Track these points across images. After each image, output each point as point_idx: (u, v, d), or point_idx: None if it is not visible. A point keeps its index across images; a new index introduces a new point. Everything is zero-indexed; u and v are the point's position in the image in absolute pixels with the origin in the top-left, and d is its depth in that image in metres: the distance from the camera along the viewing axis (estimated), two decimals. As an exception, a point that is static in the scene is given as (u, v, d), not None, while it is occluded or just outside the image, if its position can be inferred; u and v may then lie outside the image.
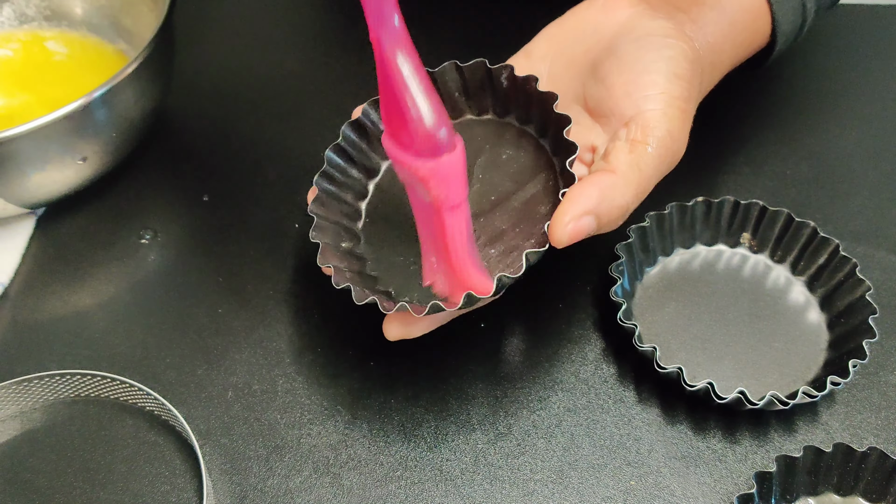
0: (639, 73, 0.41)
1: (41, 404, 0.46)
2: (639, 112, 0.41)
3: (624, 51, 0.42)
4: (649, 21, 0.43)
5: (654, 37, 0.42)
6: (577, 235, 0.39)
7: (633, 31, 0.43)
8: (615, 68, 0.42)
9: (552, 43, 0.46)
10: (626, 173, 0.40)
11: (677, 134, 0.41)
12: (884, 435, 0.44)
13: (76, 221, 0.55)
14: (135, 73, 0.49)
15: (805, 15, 0.48)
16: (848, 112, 0.61)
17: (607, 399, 0.46)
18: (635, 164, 0.40)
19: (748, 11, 0.47)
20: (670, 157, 0.41)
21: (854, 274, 0.47)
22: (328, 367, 0.47)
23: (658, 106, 0.41)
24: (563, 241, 0.38)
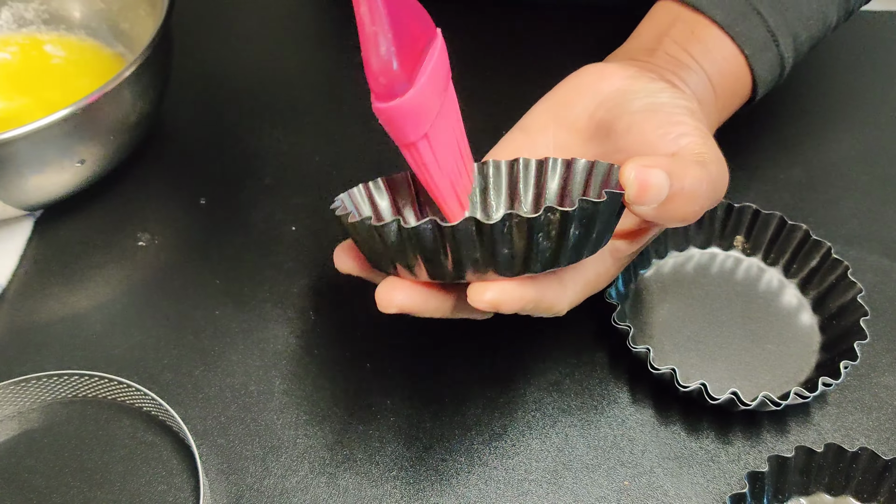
0: (666, 116, 0.41)
1: (39, 405, 0.46)
2: (680, 147, 0.39)
3: (639, 106, 0.42)
4: (649, 82, 0.43)
5: (663, 93, 0.42)
6: (646, 186, 0.36)
7: (637, 91, 0.43)
8: (638, 120, 0.41)
9: (549, 114, 0.45)
10: (692, 164, 0.38)
11: (722, 158, 0.40)
12: (874, 435, 0.44)
13: (74, 224, 0.55)
14: (132, 76, 0.50)
15: (783, 65, 0.49)
16: (841, 117, 0.62)
17: (601, 400, 0.46)
18: (698, 162, 0.38)
19: (728, 77, 0.47)
20: (723, 177, 0.40)
21: (846, 276, 0.47)
22: (324, 368, 0.47)
23: (698, 138, 0.40)
24: (630, 180, 0.36)
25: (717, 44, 0.47)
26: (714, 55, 0.47)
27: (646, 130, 0.41)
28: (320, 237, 0.54)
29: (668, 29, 0.48)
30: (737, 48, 0.47)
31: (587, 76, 0.45)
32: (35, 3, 0.63)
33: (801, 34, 0.49)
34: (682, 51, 0.47)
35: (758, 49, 0.47)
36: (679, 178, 0.37)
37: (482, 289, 0.35)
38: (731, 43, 0.47)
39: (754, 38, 0.47)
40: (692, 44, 0.47)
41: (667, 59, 0.47)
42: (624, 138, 0.42)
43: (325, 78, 0.65)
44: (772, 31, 0.47)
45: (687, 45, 0.47)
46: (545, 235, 0.34)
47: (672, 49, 0.47)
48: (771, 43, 0.48)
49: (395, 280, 0.36)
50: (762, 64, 0.48)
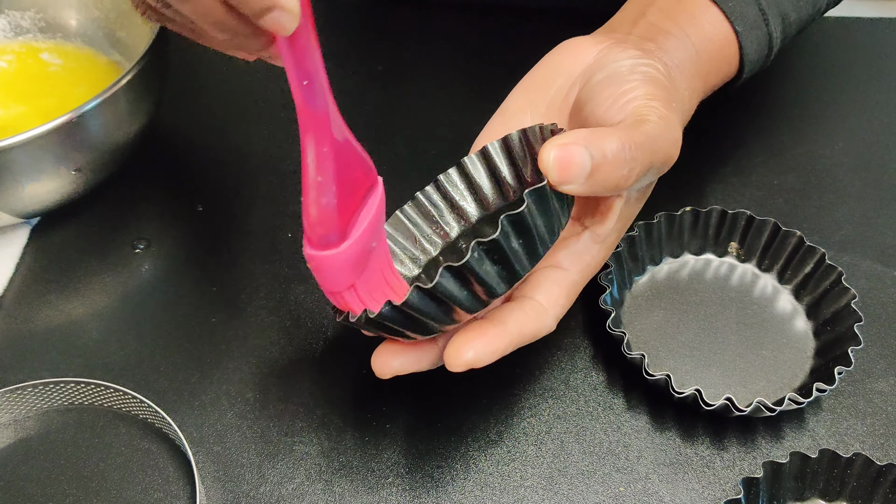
0: (617, 86, 0.41)
1: (35, 412, 0.46)
2: (627, 113, 0.40)
3: (598, 79, 0.42)
4: (618, 53, 0.43)
5: (625, 62, 0.42)
6: (567, 163, 0.35)
7: (605, 65, 0.43)
8: (594, 93, 0.42)
9: (526, 96, 0.46)
10: (623, 127, 0.38)
11: (671, 117, 0.40)
12: (869, 441, 0.45)
13: (70, 231, 0.55)
14: (129, 84, 0.50)
15: (771, 45, 0.49)
16: (834, 123, 0.62)
17: (596, 406, 0.46)
18: (632, 125, 0.38)
19: (713, 41, 0.47)
20: (669, 137, 0.40)
21: (840, 282, 0.48)
22: (321, 375, 0.48)
23: (643, 102, 0.40)
24: (549, 163, 0.35)
25: (704, 13, 0.46)
26: (700, 22, 0.46)
27: (598, 103, 0.41)
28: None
29: (658, 1, 0.48)
30: (725, 20, 0.47)
31: (561, 54, 0.45)
32: (31, 12, 0.63)
33: (790, 15, 0.48)
34: (667, 18, 0.46)
35: (748, 27, 0.47)
36: (598, 147, 0.36)
37: (457, 354, 0.38)
38: (719, 14, 0.47)
39: (746, 15, 0.47)
40: (678, 12, 0.46)
41: (647, 27, 0.46)
42: (583, 114, 0.42)
43: (321, 85, 0.65)
44: (763, 9, 0.47)
45: (672, 13, 0.46)
46: (491, 264, 0.35)
47: (655, 17, 0.46)
48: (761, 21, 0.47)
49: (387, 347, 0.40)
50: (751, 42, 0.47)
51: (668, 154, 0.40)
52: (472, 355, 0.37)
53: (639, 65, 0.42)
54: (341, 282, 0.38)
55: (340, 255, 0.37)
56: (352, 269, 0.38)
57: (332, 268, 0.37)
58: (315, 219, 0.36)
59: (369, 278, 0.39)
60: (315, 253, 0.37)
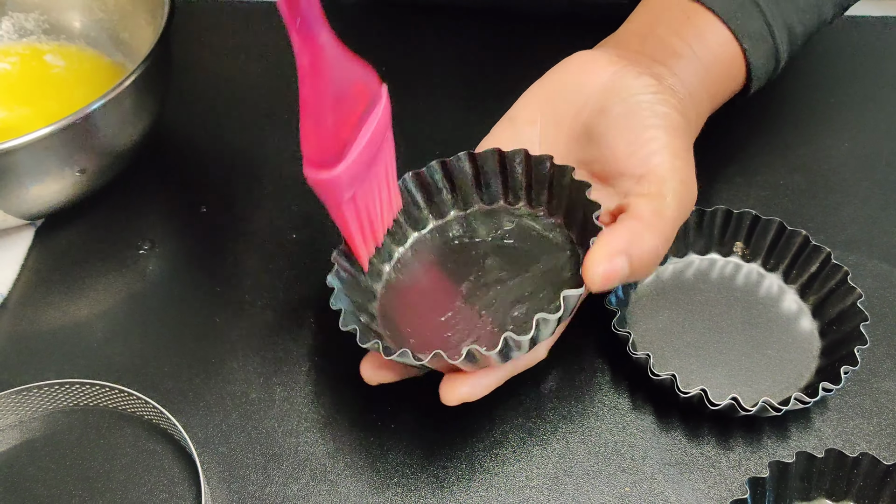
0: (638, 131, 0.42)
1: (40, 414, 0.46)
2: (648, 169, 0.41)
3: (617, 112, 0.43)
4: (634, 79, 0.43)
5: (643, 95, 0.43)
6: (611, 277, 0.38)
7: (620, 91, 0.43)
8: (612, 130, 0.42)
9: (536, 107, 0.46)
10: (651, 220, 0.40)
11: (689, 182, 0.42)
12: (875, 441, 0.44)
13: (74, 232, 0.55)
14: (132, 85, 0.50)
15: (778, 57, 0.49)
16: (840, 123, 0.62)
17: (602, 406, 0.46)
18: (658, 211, 0.40)
19: (721, 60, 0.47)
20: (687, 202, 0.42)
21: (846, 282, 0.47)
22: (325, 375, 0.48)
23: (665, 159, 0.41)
24: (597, 282, 0.38)
25: (711, 30, 0.47)
26: (708, 40, 0.47)
27: (616, 147, 0.42)
28: (321, 245, 0.54)
29: (664, 17, 0.48)
30: (733, 38, 0.47)
31: (574, 67, 0.45)
32: (35, 14, 0.63)
33: (795, 27, 0.48)
34: (675, 35, 0.46)
35: (755, 41, 0.47)
36: (637, 254, 0.39)
37: (452, 389, 0.40)
38: (727, 32, 0.47)
39: (752, 30, 0.47)
40: (686, 28, 0.47)
41: (658, 45, 0.46)
42: (598, 150, 0.43)
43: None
44: (768, 22, 0.47)
45: (680, 29, 0.47)
46: (508, 351, 0.39)
47: (664, 33, 0.47)
48: (767, 35, 0.47)
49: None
50: (758, 56, 0.48)
51: (689, 210, 0.43)
52: (467, 391, 0.40)
53: (657, 102, 0.42)
54: (340, 197, 0.39)
55: (339, 175, 0.37)
56: (350, 185, 0.38)
57: (331, 187, 0.38)
58: (314, 140, 0.37)
59: (367, 188, 0.40)
60: (314, 175, 0.38)
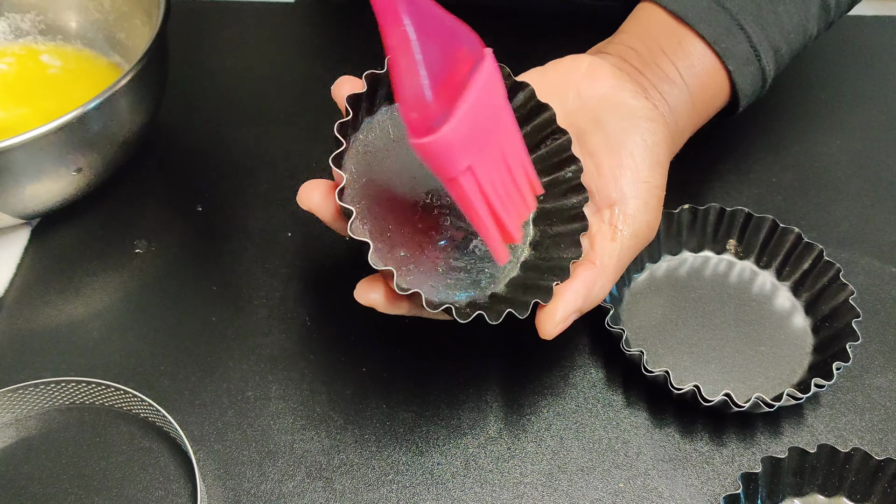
0: (625, 157, 0.43)
1: (36, 412, 0.47)
2: (622, 199, 0.42)
3: (612, 129, 0.44)
4: (632, 99, 0.45)
5: (638, 119, 0.44)
6: (565, 326, 0.41)
7: (618, 107, 0.44)
8: (603, 146, 0.43)
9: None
10: (608, 265, 0.42)
11: (653, 223, 0.43)
12: (867, 436, 0.45)
13: (71, 231, 0.55)
14: (128, 85, 0.50)
15: (765, 77, 0.50)
16: (832, 122, 0.62)
17: (596, 403, 0.46)
18: (615, 254, 0.42)
19: (707, 89, 0.48)
20: (643, 243, 0.44)
21: (838, 278, 0.48)
22: (320, 373, 0.48)
23: (640, 196, 0.42)
24: (552, 336, 0.40)
25: (701, 59, 0.48)
26: (697, 70, 0.48)
27: (604, 164, 0.43)
28: (316, 243, 0.54)
29: (657, 36, 0.48)
30: (719, 63, 0.48)
31: (576, 69, 0.46)
32: (32, 14, 0.63)
33: (781, 48, 0.49)
34: (671, 65, 0.47)
35: (741, 64, 0.48)
36: (590, 301, 0.41)
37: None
38: (714, 58, 0.48)
39: (737, 53, 0.48)
40: (680, 58, 0.48)
41: (654, 69, 0.47)
42: (587, 157, 0.44)
43: (320, 85, 0.66)
44: (755, 46, 0.48)
45: (675, 58, 0.48)
46: None
47: (660, 60, 0.48)
48: (753, 58, 0.48)
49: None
50: (744, 78, 0.49)
51: (641, 249, 0.44)
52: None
53: (649, 131, 0.44)
54: (453, 166, 0.36)
55: (443, 137, 0.34)
56: (462, 151, 0.35)
57: (439, 152, 0.35)
58: (409, 103, 0.34)
59: (489, 164, 0.37)
60: (417, 141, 0.35)
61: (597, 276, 0.41)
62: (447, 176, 0.36)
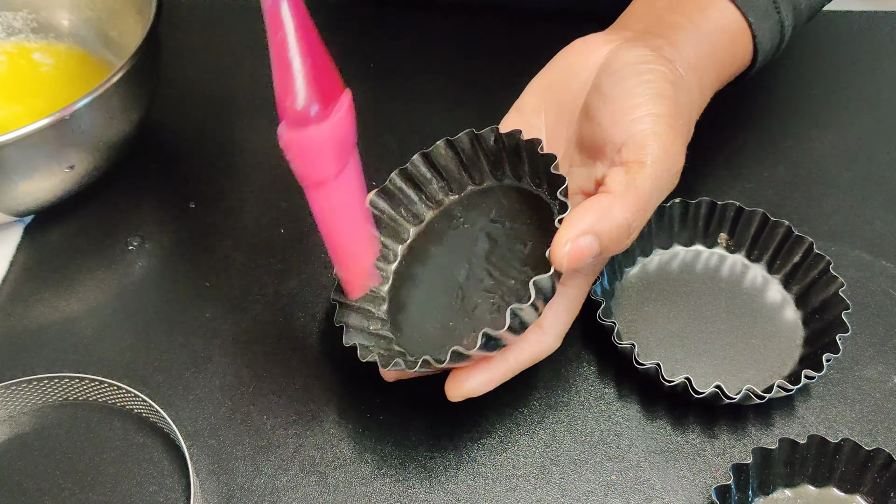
0: (622, 100, 0.41)
1: (30, 408, 0.47)
2: (630, 136, 0.40)
3: (604, 84, 0.42)
4: (626, 52, 0.43)
5: (631, 65, 0.42)
6: (579, 256, 0.38)
7: (612, 64, 0.43)
8: (600, 103, 0.42)
9: (540, 95, 0.46)
10: (623, 192, 0.39)
11: (671, 148, 0.41)
12: (857, 427, 0.45)
13: (64, 229, 0.55)
14: (120, 82, 0.50)
15: (783, 33, 0.49)
16: (824, 116, 0.62)
17: (588, 396, 0.47)
18: (631, 182, 0.39)
19: (726, 31, 0.47)
20: (668, 171, 0.41)
21: (828, 271, 0.48)
22: (314, 368, 0.48)
23: (647, 126, 0.40)
24: (564, 263, 0.37)
25: (721, 12, 0.46)
26: (710, 13, 0.46)
27: (603, 118, 0.42)
28: (309, 240, 0.54)
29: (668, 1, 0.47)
30: (737, 12, 0.47)
31: (573, 54, 0.45)
32: (24, 12, 0.63)
33: (800, 2, 0.49)
34: (674, 11, 0.46)
35: (760, 16, 0.47)
36: (605, 230, 0.38)
37: (457, 386, 0.40)
38: (734, 11, 0.46)
39: (757, 5, 0.47)
40: (694, 12, 0.46)
41: (656, 21, 0.46)
42: (588, 125, 0.43)
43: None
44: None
45: (680, 5, 0.46)
46: (495, 345, 0.39)
47: (663, 11, 0.46)
48: (773, 10, 0.47)
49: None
50: (764, 31, 0.47)
51: (673, 181, 0.42)
52: (471, 386, 0.40)
53: (645, 71, 0.42)
54: (328, 166, 0.35)
55: (325, 129, 0.34)
56: (336, 153, 0.35)
57: (316, 147, 0.34)
58: (285, 88, 0.34)
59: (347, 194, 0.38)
60: (295, 133, 0.34)
61: (610, 200, 0.39)
62: (319, 177, 0.35)
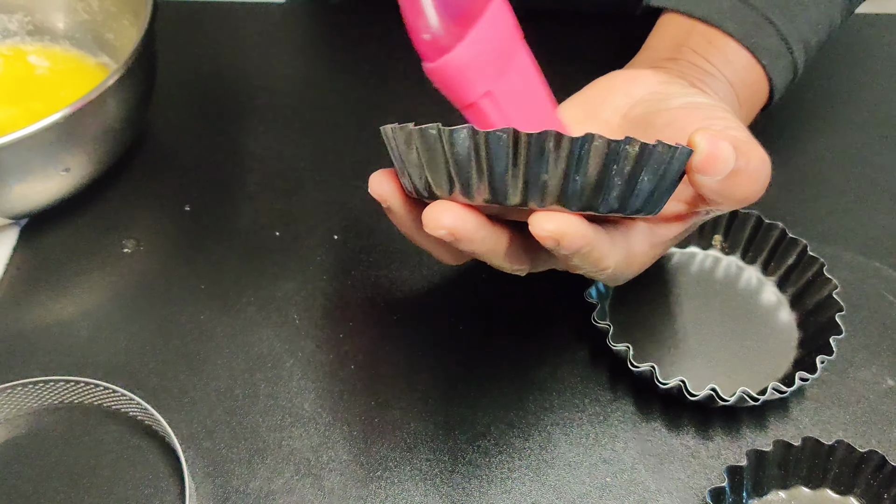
0: (708, 112, 0.40)
1: (25, 411, 0.47)
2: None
3: (678, 104, 0.42)
4: (683, 88, 0.43)
5: (699, 96, 0.42)
6: (715, 155, 0.34)
7: (675, 93, 0.43)
8: (679, 115, 0.41)
9: (582, 110, 0.45)
10: (757, 145, 0.38)
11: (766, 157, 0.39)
12: (851, 429, 0.45)
13: (59, 231, 0.55)
14: (115, 85, 0.50)
15: (796, 71, 0.49)
16: (817, 118, 0.62)
17: (583, 398, 0.47)
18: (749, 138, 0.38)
19: (748, 85, 0.47)
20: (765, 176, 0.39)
21: (822, 273, 0.48)
22: (309, 371, 0.48)
23: (743, 133, 0.39)
24: (701, 147, 0.35)
25: (734, 55, 0.47)
26: (734, 65, 0.47)
27: (689, 123, 0.40)
28: (304, 242, 0.54)
29: (685, 39, 0.48)
30: (753, 58, 0.47)
31: (618, 79, 0.45)
32: (19, 15, 0.63)
33: (810, 39, 0.49)
34: (704, 60, 0.47)
35: (773, 58, 0.48)
36: (745, 154, 0.36)
37: (547, 218, 0.32)
38: (747, 54, 0.47)
39: (769, 47, 0.47)
40: (711, 54, 0.47)
41: (691, 67, 0.47)
42: (664, 131, 0.40)
43: (308, 84, 0.66)
44: (785, 38, 0.48)
45: (707, 55, 0.47)
46: (618, 171, 0.32)
47: (693, 58, 0.47)
48: (785, 51, 0.48)
49: (446, 202, 0.34)
50: (778, 72, 0.48)
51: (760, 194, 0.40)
52: (560, 226, 0.33)
53: (714, 100, 0.42)
54: (470, 90, 0.34)
55: (456, 57, 0.34)
56: (478, 73, 0.34)
57: (452, 74, 0.34)
58: (418, 25, 0.33)
59: (510, 95, 0.35)
60: (431, 65, 0.34)
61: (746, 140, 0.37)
62: (465, 102, 0.35)
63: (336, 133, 0.62)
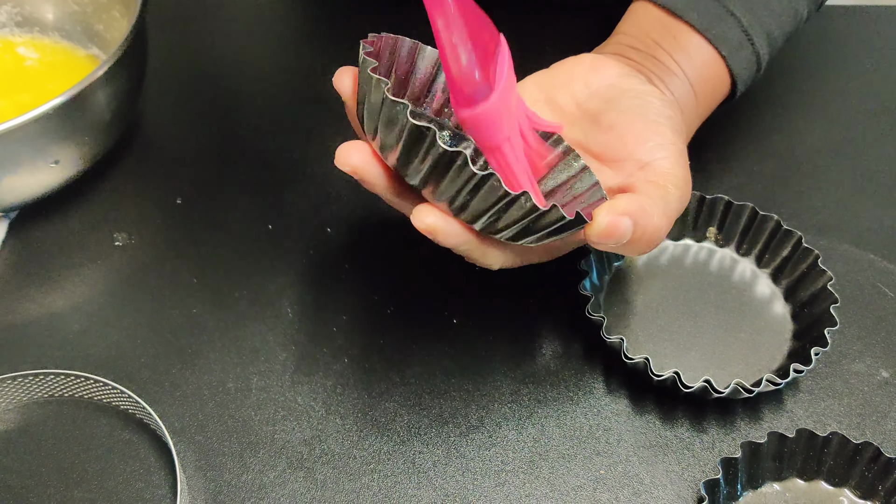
0: (648, 123, 0.43)
1: (15, 405, 0.46)
2: (654, 159, 0.42)
3: (628, 105, 0.44)
4: (640, 85, 0.45)
5: (651, 97, 0.45)
6: (613, 231, 0.38)
7: (629, 90, 0.45)
8: (623, 119, 0.44)
9: (541, 89, 0.47)
10: (658, 201, 0.40)
11: (689, 180, 0.43)
12: (846, 421, 0.45)
13: (49, 224, 0.55)
14: (105, 77, 0.49)
15: (759, 62, 0.50)
16: (812, 111, 0.62)
17: (577, 390, 0.47)
18: (663, 196, 0.41)
19: (708, 81, 0.49)
20: (685, 197, 0.42)
21: (817, 265, 0.48)
22: (301, 364, 0.48)
23: (670, 155, 0.42)
24: (600, 229, 0.38)
25: (697, 51, 0.49)
26: (695, 62, 0.49)
27: (626, 133, 0.43)
28: (296, 235, 0.54)
29: (652, 32, 0.49)
30: (715, 51, 0.49)
31: (581, 64, 0.47)
32: (8, 6, 0.63)
33: (774, 31, 0.50)
34: (667, 55, 0.48)
35: (734, 49, 0.49)
36: (643, 225, 0.39)
37: (426, 212, 0.37)
38: (709, 47, 0.49)
39: (730, 38, 0.49)
40: (675, 50, 0.49)
41: (653, 62, 0.48)
42: (606, 134, 0.44)
43: (301, 76, 0.65)
44: (746, 30, 0.49)
45: (670, 50, 0.49)
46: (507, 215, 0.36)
47: (657, 52, 0.49)
48: (746, 42, 0.49)
49: (360, 143, 0.38)
50: (739, 63, 0.49)
51: (684, 207, 0.43)
52: (436, 223, 0.37)
53: (663, 105, 0.44)
54: (499, 133, 0.38)
55: (492, 106, 0.37)
56: (504, 119, 0.38)
57: (488, 121, 0.38)
58: (460, 80, 0.37)
59: (515, 132, 0.40)
60: (468, 112, 0.38)
61: (650, 203, 0.39)
62: (493, 144, 0.38)
63: (329, 125, 0.61)
